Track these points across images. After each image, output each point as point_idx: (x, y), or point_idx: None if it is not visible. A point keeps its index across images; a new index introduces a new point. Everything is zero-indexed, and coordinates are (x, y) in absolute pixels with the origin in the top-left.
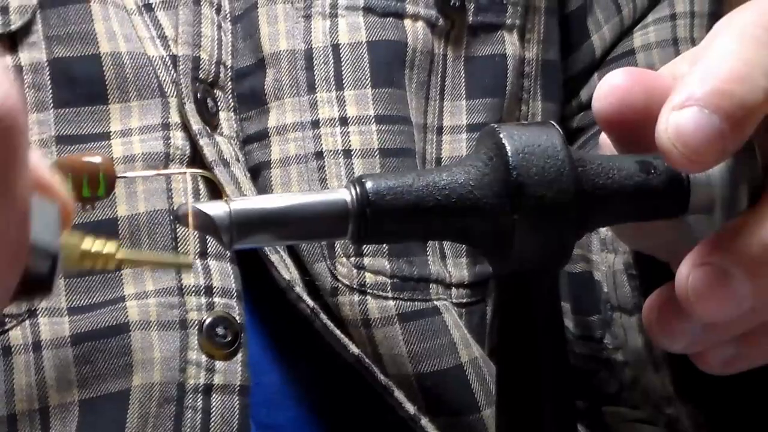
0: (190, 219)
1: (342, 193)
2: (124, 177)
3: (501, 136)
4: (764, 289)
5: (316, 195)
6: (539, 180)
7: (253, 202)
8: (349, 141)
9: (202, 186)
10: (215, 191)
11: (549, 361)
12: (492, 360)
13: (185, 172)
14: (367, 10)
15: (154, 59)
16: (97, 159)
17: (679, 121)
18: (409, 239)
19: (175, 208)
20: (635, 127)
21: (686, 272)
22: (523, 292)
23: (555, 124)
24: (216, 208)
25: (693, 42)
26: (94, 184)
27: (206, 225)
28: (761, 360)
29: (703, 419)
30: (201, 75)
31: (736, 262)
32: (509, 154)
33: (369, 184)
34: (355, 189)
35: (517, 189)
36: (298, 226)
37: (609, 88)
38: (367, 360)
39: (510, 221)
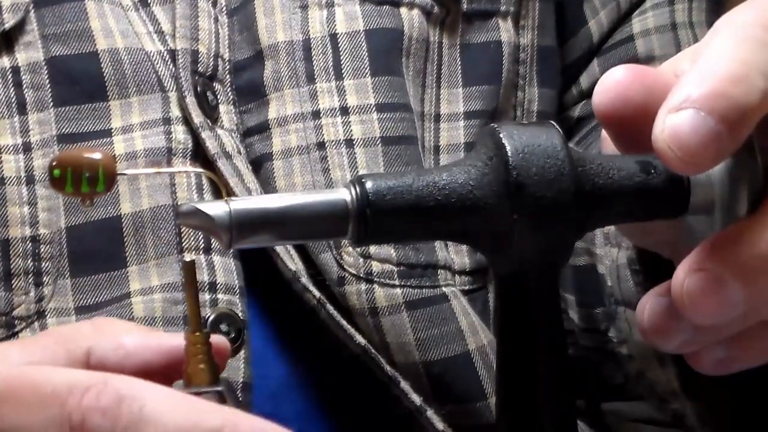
0: (190, 219)
1: (342, 193)
2: (124, 174)
3: (501, 136)
4: (757, 295)
5: (316, 195)
6: (539, 180)
7: (253, 202)
8: (351, 130)
9: (205, 181)
10: (218, 186)
11: (548, 360)
12: None
13: (185, 171)
14: None
15: (152, 54)
16: (97, 155)
17: (675, 123)
18: (409, 239)
19: (178, 204)
20: (634, 123)
21: (682, 276)
22: (523, 292)
23: (555, 124)
24: (216, 208)
25: (692, 26)
26: (93, 180)
27: (206, 224)
28: (754, 361)
29: (709, 415)
30: (200, 68)
31: (731, 269)
32: (509, 154)
33: (369, 184)
34: (355, 189)
35: (517, 189)
36: (298, 226)
37: (609, 84)
38: (373, 350)
39: (510, 221)
